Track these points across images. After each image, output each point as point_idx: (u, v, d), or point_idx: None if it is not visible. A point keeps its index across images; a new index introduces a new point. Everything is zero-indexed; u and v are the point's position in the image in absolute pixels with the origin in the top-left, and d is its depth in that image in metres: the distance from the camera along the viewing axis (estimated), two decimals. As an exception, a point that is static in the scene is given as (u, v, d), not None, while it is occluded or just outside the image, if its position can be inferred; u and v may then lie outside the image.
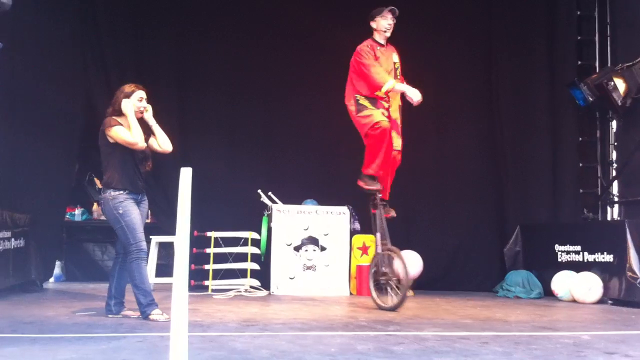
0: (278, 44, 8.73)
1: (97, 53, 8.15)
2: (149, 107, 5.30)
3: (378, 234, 6.37)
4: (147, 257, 5.57)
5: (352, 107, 6.32)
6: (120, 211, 5.04)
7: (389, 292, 6.10)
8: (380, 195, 6.42)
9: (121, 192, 5.09)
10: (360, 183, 6.38)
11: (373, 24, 6.40)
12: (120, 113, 5.16)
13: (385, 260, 6.24)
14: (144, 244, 5.08)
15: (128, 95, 5.20)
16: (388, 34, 6.40)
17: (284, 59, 8.70)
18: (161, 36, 8.48)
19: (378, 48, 6.36)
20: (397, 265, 6.10)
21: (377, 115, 6.18)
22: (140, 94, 5.25)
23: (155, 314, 4.97)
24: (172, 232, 7.41)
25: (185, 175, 2.92)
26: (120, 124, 5.11)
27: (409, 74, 6.72)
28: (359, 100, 6.27)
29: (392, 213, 6.48)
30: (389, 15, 6.33)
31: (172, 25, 8.57)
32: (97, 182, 8.75)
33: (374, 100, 6.27)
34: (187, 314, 2.38)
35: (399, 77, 6.45)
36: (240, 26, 8.72)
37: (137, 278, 5.01)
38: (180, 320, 2.37)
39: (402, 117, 6.53)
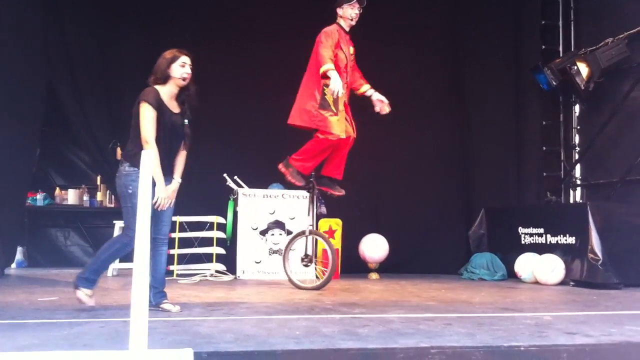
0: (244, 29, 8.66)
1: (60, 38, 8.02)
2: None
3: (310, 216, 6.59)
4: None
5: (317, 96, 6.20)
6: (130, 191, 4.59)
7: (314, 273, 6.57)
8: (321, 172, 6.52)
9: (136, 169, 4.54)
10: (284, 170, 6.40)
11: (339, 11, 6.38)
12: (163, 82, 4.75)
13: (312, 242, 6.54)
14: None
15: (171, 61, 4.75)
16: (354, 23, 6.41)
17: (249, 48, 8.65)
18: (126, 21, 8.38)
19: (343, 35, 6.40)
20: (323, 248, 6.33)
21: (335, 124, 6.11)
22: (184, 59, 4.79)
23: (85, 292, 4.64)
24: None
25: (146, 158, 2.87)
26: (153, 106, 4.61)
27: (376, 63, 6.74)
28: (325, 94, 6.16)
29: (340, 192, 6.55)
30: (357, 6, 6.35)
31: (137, 11, 8.45)
32: (119, 152, 8.20)
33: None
34: (147, 300, 2.34)
35: (350, 66, 6.45)
36: (209, 17, 8.64)
37: (108, 255, 4.70)
38: (140, 305, 2.34)
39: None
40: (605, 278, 6.69)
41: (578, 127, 9.14)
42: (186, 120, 4.88)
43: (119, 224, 7.73)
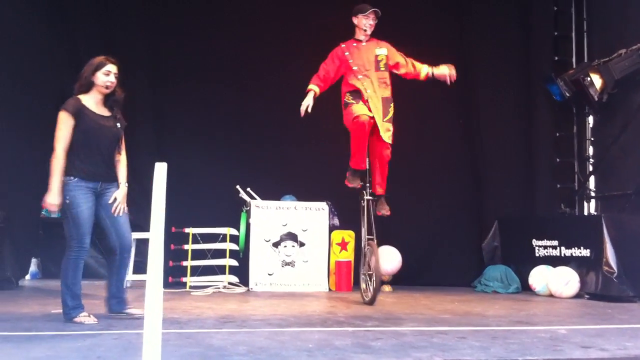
0: (255, 36, 8.70)
1: (69, 48, 8.10)
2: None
3: (363, 229, 6.38)
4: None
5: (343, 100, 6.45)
6: (68, 201, 4.62)
7: (368, 286, 6.16)
8: (371, 189, 6.43)
9: (71, 178, 4.62)
10: (346, 181, 6.48)
11: (355, 20, 6.52)
12: (87, 89, 4.77)
13: (367, 255, 6.26)
14: (87, 241, 4.70)
15: (96, 69, 4.74)
16: (369, 32, 6.50)
17: (261, 52, 8.67)
18: (136, 32, 8.44)
19: (354, 44, 6.49)
20: (372, 260, 6.14)
21: (357, 108, 6.24)
22: (110, 67, 4.77)
23: (82, 317, 4.65)
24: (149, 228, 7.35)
25: (160, 170, 2.89)
26: (70, 113, 4.66)
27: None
28: (346, 97, 6.40)
29: (384, 211, 6.49)
30: (372, 16, 6.43)
31: (146, 19, 8.53)
32: None
33: (357, 94, 6.33)
34: (161, 311, 2.34)
35: (382, 69, 6.46)
36: (217, 17, 8.70)
37: (70, 277, 4.70)
38: (153, 317, 2.34)
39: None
40: (621, 291, 6.63)
41: (592, 139, 9.09)
42: (118, 124, 4.85)
43: (134, 236, 7.72)
